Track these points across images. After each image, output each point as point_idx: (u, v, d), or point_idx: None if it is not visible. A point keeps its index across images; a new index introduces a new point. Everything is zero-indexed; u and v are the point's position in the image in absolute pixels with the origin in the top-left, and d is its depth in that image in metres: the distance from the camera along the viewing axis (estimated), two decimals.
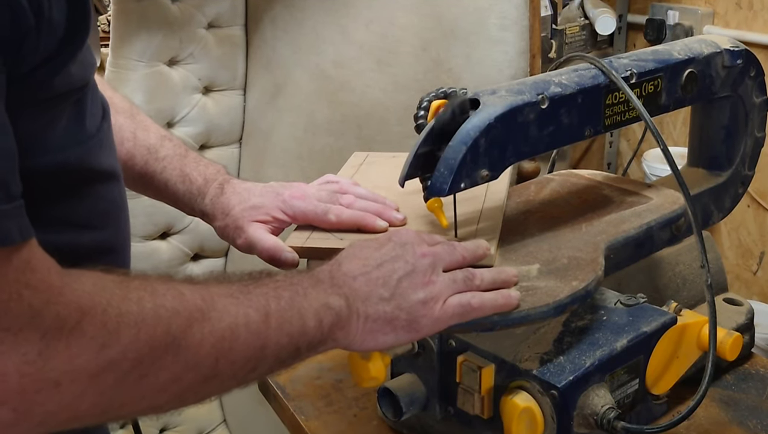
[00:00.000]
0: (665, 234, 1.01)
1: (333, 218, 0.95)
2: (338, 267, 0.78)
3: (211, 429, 2.00)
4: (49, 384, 0.55)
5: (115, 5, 1.69)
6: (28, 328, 0.53)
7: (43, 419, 0.56)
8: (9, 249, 0.53)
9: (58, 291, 0.56)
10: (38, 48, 0.59)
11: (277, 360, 0.70)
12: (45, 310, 0.54)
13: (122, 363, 0.58)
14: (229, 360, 0.66)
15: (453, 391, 0.92)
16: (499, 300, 0.80)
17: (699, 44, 1.07)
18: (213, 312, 0.65)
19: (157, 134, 1.03)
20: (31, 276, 0.54)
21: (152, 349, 0.60)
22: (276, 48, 1.79)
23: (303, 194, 0.98)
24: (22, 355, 0.53)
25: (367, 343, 0.77)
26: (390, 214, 0.95)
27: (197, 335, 0.63)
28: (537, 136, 0.89)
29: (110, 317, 0.58)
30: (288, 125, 1.79)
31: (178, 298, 0.64)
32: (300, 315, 0.71)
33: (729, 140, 1.16)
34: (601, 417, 0.85)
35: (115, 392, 0.59)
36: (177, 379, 0.62)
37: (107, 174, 0.79)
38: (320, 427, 1.05)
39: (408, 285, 0.77)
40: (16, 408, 0.54)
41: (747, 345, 1.12)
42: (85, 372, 0.56)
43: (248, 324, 0.67)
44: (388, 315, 0.76)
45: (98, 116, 0.78)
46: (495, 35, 1.55)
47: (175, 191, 1.01)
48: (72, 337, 0.55)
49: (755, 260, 2.33)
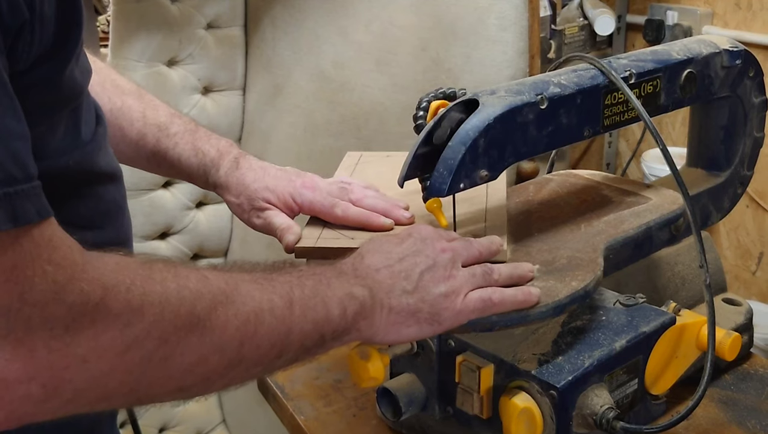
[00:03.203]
0: (664, 235, 1.02)
1: (339, 212, 0.95)
2: (361, 260, 0.79)
3: (210, 428, 2.00)
4: (76, 360, 0.55)
5: (114, 5, 1.69)
6: (54, 303, 0.54)
7: (72, 396, 0.57)
8: (29, 227, 0.54)
9: (80, 268, 0.56)
10: (33, 43, 0.59)
11: (302, 347, 0.70)
12: (69, 285, 0.55)
13: (147, 342, 0.59)
14: (254, 345, 0.66)
15: (452, 391, 0.93)
16: (519, 296, 0.81)
17: (698, 44, 1.07)
18: (237, 296, 0.66)
19: (166, 112, 1.04)
20: (53, 253, 0.55)
21: (177, 329, 0.60)
22: (275, 48, 1.79)
23: (314, 185, 0.98)
24: (49, 330, 0.54)
25: (390, 335, 0.77)
26: (397, 213, 0.96)
27: (222, 317, 0.63)
28: (536, 136, 0.90)
29: (134, 295, 0.58)
30: (287, 125, 1.79)
31: (202, 281, 0.64)
32: (324, 303, 0.72)
33: (728, 140, 1.16)
34: (600, 418, 0.85)
35: (141, 371, 0.59)
36: (203, 361, 0.63)
37: (106, 175, 0.80)
38: (319, 427, 1.05)
39: (430, 278, 0.78)
40: (45, 384, 0.55)
41: (746, 346, 1.12)
42: (111, 348, 0.57)
43: (272, 309, 0.67)
44: (411, 307, 0.77)
45: (92, 123, 0.79)
46: (494, 35, 1.55)
47: (189, 165, 1.01)
48: (97, 313, 0.56)
49: (754, 260, 2.33)
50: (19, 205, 0.53)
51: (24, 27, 0.57)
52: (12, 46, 0.57)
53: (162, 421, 1.92)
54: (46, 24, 0.60)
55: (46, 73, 0.63)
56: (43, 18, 0.59)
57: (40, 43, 0.60)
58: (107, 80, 1.00)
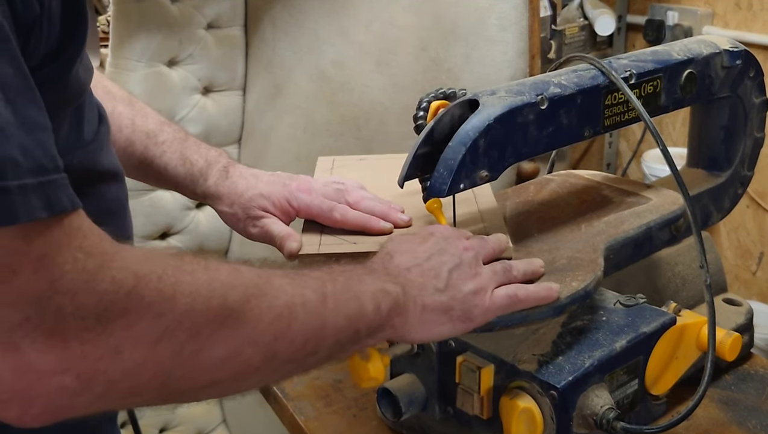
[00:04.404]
0: (664, 235, 1.02)
1: (338, 216, 0.94)
2: (390, 259, 0.79)
3: (210, 429, 2.00)
4: (110, 350, 0.55)
5: (114, 5, 1.69)
6: (85, 292, 0.53)
7: (105, 388, 0.56)
8: (62, 216, 0.54)
9: (111, 257, 0.56)
10: (41, 41, 0.59)
11: (336, 343, 0.70)
12: (100, 274, 0.54)
13: (179, 333, 0.58)
14: (287, 339, 0.65)
15: (452, 392, 0.92)
16: (542, 292, 0.82)
17: (698, 45, 1.07)
18: (270, 289, 0.65)
19: (155, 120, 1.03)
20: (83, 241, 0.55)
21: (209, 321, 0.60)
22: (275, 48, 1.79)
23: (309, 188, 0.98)
24: (81, 319, 0.53)
25: (423, 333, 0.77)
26: (395, 216, 0.95)
27: (255, 310, 0.63)
28: (536, 136, 0.90)
29: (165, 285, 0.57)
30: (287, 126, 1.79)
31: (234, 273, 0.64)
32: (357, 298, 0.71)
33: (728, 140, 1.16)
34: (601, 418, 0.85)
35: (173, 363, 0.58)
36: (235, 354, 0.62)
37: (108, 174, 0.80)
38: (320, 428, 1.05)
39: (458, 276, 0.78)
40: (80, 374, 0.54)
41: (746, 346, 1.12)
42: (144, 338, 0.56)
43: (305, 303, 0.67)
44: (444, 305, 0.77)
45: (95, 122, 0.78)
46: (494, 36, 1.55)
47: (176, 174, 1.00)
48: (129, 301, 0.55)
49: (754, 260, 2.33)
50: (53, 194, 0.53)
51: (35, 23, 0.57)
52: (25, 42, 0.57)
53: (162, 422, 1.92)
54: (53, 22, 0.60)
55: (54, 71, 0.63)
56: (51, 15, 0.59)
57: (47, 41, 0.60)
58: (98, 85, 1.00)
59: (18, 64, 0.54)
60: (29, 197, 0.51)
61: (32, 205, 0.51)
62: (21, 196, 0.51)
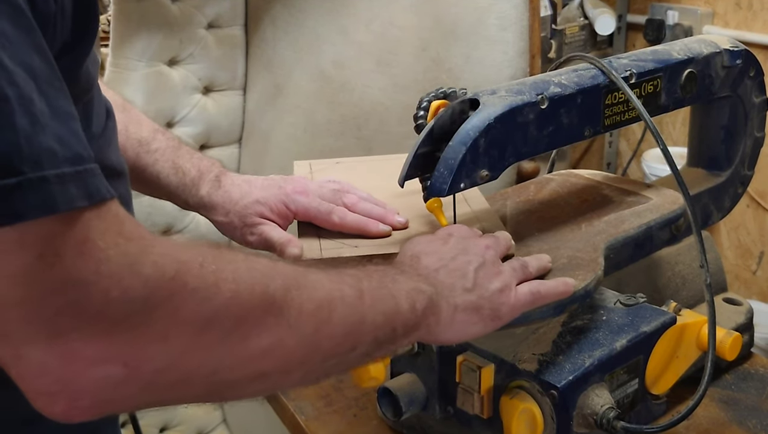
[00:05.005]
0: (665, 234, 1.02)
1: (336, 219, 0.94)
2: (418, 261, 0.79)
3: (211, 428, 2.00)
4: (156, 337, 0.54)
5: (115, 5, 1.68)
6: (130, 276, 0.53)
7: (152, 378, 0.55)
8: (101, 203, 0.53)
9: (151, 243, 0.55)
10: (56, 36, 0.59)
11: (374, 340, 0.69)
12: (142, 258, 0.54)
13: (225, 320, 0.57)
14: (329, 332, 0.65)
15: (453, 391, 0.93)
16: (560, 287, 0.83)
17: (698, 44, 1.07)
18: (308, 282, 0.64)
19: (149, 128, 1.02)
20: (123, 228, 0.54)
21: (253, 307, 0.59)
22: (276, 48, 1.79)
23: (305, 189, 0.97)
24: (128, 304, 0.53)
25: (454, 334, 0.77)
26: (392, 218, 0.95)
27: (295, 300, 0.62)
28: (536, 136, 0.90)
29: (207, 271, 0.57)
30: (288, 125, 1.79)
31: (272, 265, 0.63)
32: (392, 295, 0.71)
33: (728, 140, 1.16)
34: (601, 417, 0.85)
35: (220, 351, 0.58)
36: (280, 344, 0.61)
37: (115, 170, 0.80)
38: (320, 427, 1.05)
39: (483, 275, 0.79)
40: (127, 362, 0.53)
41: (746, 345, 1.12)
42: (189, 324, 0.55)
43: (344, 298, 0.66)
44: (474, 304, 0.77)
45: (103, 116, 0.78)
46: (494, 35, 1.55)
47: (168, 183, 1.00)
48: (173, 285, 0.55)
49: (755, 260, 2.33)
50: (91, 183, 0.53)
51: (50, 18, 0.57)
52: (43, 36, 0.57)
53: (163, 421, 1.92)
54: (65, 17, 0.60)
55: (67, 66, 0.63)
56: (64, 11, 0.60)
57: (61, 36, 0.60)
58: None
59: (45, 54, 0.54)
60: (68, 186, 0.51)
61: (71, 193, 0.51)
62: (59, 185, 0.50)
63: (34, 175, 0.49)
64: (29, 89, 0.51)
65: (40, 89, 0.52)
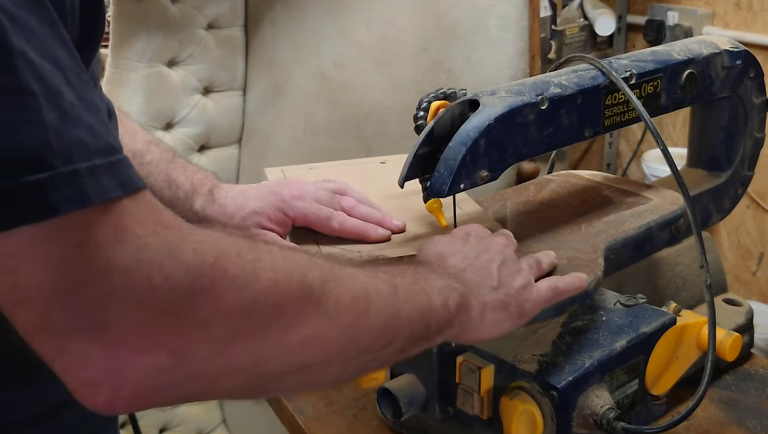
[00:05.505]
0: (665, 235, 1.02)
1: (336, 225, 0.93)
2: (444, 261, 0.79)
3: (210, 429, 2.00)
4: (200, 324, 0.54)
5: (114, 6, 1.68)
6: (171, 262, 0.52)
7: (197, 367, 0.55)
8: (135, 193, 0.53)
9: (188, 231, 0.55)
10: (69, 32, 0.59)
11: (410, 336, 0.69)
12: (181, 245, 0.53)
13: (266, 308, 0.57)
14: (367, 324, 0.64)
15: (452, 392, 0.92)
16: (576, 282, 0.83)
17: (698, 45, 1.07)
18: (343, 274, 0.64)
19: (143, 140, 1.01)
20: (159, 216, 0.54)
21: (292, 296, 0.59)
22: (276, 49, 1.80)
23: (302, 193, 0.96)
24: (171, 290, 0.52)
25: (486, 331, 0.77)
26: (390, 222, 0.95)
27: (333, 291, 0.62)
28: (536, 136, 0.90)
29: (245, 260, 0.57)
30: (288, 126, 1.79)
31: (307, 257, 0.63)
32: (425, 292, 0.71)
33: (728, 141, 1.16)
34: (601, 418, 0.85)
35: (262, 339, 0.57)
36: (320, 334, 0.61)
37: None
38: (320, 428, 1.05)
39: (506, 273, 0.79)
40: (173, 350, 0.53)
41: (746, 346, 1.12)
42: (232, 311, 0.55)
43: (379, 291, 0.66)
44: (502, 302, 0.77)
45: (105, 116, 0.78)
46: (494, 36, 1.55)
47: (161, 197, 0.98)
48: (214, 273, 0.54)
49: (754, 261, 2.33)
50: (125, 173, 0.53)
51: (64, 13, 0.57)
52: None
53: (162, 421, 1.92)
54: (75, 16, 0.60)
55: None
56: (73, 9, 0.59)
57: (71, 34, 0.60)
58: None
59: (69, 46, 0.54)
60: (100, 177, 0.51)
61: (104, 185, 0.51)
62: (92, 177, 0.50)
63: (65, 169, 0.49)
64: (57, 82, 0.51)
65: (68, 81, 0.52)
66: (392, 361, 0.71)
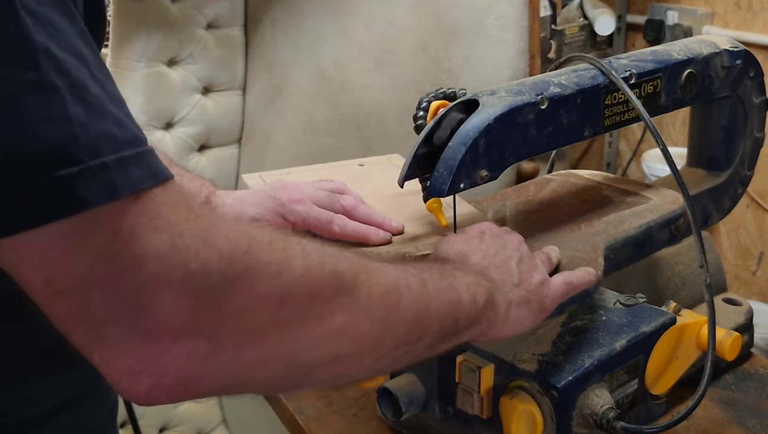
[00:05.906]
0: (664, 235, 1.02)
1: (337, 229, 0.93)
2: (467, 258, 0.79)
3: (210, 429, 2.00)
4: (236, 311, 0.54)
5: (114, 5, 1.68)
6: (206, 248, 0.52)
7: (234, 355, 0.55)
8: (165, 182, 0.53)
9: (220, 218, 0.55)
10: None
11: (439, 331, 0.69)
12: (214, 231, 0.53)
13: (300, 296, 0.57)
14: (399, 318, 0.65)
15: (452, 391, 0.92)
16: (587, 276, 0.84)
17: (698, 45, 1.07)
18: (373, 268, 0.64)
19: None
20: (191, 204, 0.54)
21: (325, 285, 0.59)
22: (275, 48, 1.80)
23: (301, 197, 0.95)
24: (207, 276, 0.52)
25: (511, 328, 0.77)
26: (389, 224, 0.95)
27: (365, 283, 0.62)
28: (536, 136, 0.90)
29: (277, 248, 0.57)
30: (287, 126, 1.79)
31: (337, 249, 0.63)
32: (453, 287, 0.71)
33: (728, 140, 1.16)
34: (601, 417, 0.85)
35: (296, 328, 0.57)
36: (353, 324, 0.61)
37: None
38: (320, 427, 1.05)
39: (525, 269, 0.80)
40: (211, 336, 0.53)
41: (746, 345, 1.12)
42: (266, 299, 0.55)
43: (409, 285, 0.66)
44: (524, 298, 0.78)
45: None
46: (494, 36, 1.55)
47: None
48: (248, 259, 0.54)
49: (754, 260, 2.33)
50: (154, 163, 0.53)
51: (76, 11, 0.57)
52: None
53: (162, 421, 1.92)
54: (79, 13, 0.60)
55: None
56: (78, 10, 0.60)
57: None
58: None
59: (89, 40, 0.54)
60: (129, 169, 0.51)
61: (134, 176, 0.51)
62: (120, 169, 0.50)
63: (93, 163, 0.49)
64: (82, 75, 0.51)
65: (92, 74, 0.52)
66: (424, 357, 0.70)
